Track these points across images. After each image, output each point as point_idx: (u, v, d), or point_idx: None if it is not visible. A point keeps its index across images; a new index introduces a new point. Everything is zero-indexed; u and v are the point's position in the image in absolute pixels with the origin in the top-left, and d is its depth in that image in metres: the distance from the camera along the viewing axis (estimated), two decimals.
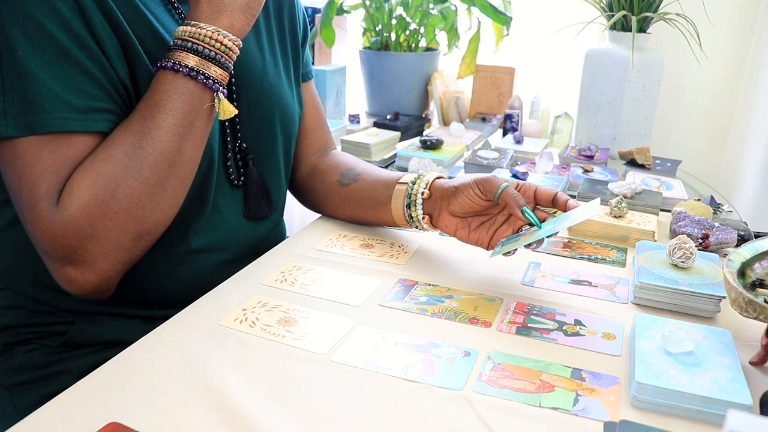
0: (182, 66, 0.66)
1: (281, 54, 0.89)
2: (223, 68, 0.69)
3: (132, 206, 0.65)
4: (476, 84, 1.75)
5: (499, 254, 0.73)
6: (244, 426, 0.49)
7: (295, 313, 0.67)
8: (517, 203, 0.72)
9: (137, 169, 0.65)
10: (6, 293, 0.79)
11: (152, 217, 0.67)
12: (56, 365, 0.75)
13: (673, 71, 1.70)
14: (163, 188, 0.67)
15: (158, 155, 0.66)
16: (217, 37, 0.68)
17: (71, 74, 0.63)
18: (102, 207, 0.63)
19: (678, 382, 0.53)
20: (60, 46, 0.63)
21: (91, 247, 0.64)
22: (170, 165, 0.67)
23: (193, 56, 0.67)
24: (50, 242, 0.63)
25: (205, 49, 0.67)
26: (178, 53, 0.67)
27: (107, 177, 0.63)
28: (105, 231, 0.64)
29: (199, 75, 0.67)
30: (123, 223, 0.64)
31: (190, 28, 0.68)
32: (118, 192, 0.63)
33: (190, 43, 0.67)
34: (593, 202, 0.69)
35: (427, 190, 0.80)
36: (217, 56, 0.68)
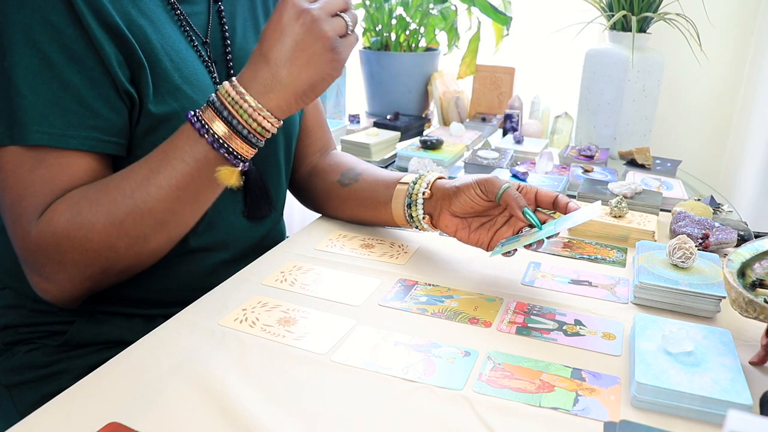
0: (209, 133, 0.64)
1: None
2: (250, 145, 0.66)
3: (104, 250, 0.65)
4: (476, 84, 1.75)
5: (499, 254, 0.73)
6: (244, 426, 0.49)
7: (295, 313, 0.67)
8: (518, 204, 0.72)
9: (119, 219, 0.64)
10: (6, 293, 0.79)
11: (126, 261, 0.67)
12: (56, 365, 0.75)
13: (673, 71, 1.70)
14: (146, 241, 0.66)
15: (148, 211, 0.64)
16: (256, 117, 0.64)
17: (53, 89, 0.63)
18: (73, 242, 0.63)
19: (678, 382, 0.53)
20: (46, 58, 0.62)
21: (58, 270, 0.65)
22: (159, 223, 0.66)
23: (223, 125, 0.64)
24: (23, 252, 0.66)
25: (239, 124, 0.64)
26: (211, 112, 0.64)
27: (87, 218, 0.63)
28: (72, 262, 0.65)
29: (221, 148, 0.64)
30: (92, 260, 0.65)
31: (235, 94, 0.64)
32: (92, 235, 0.63)
33: (227, 111, 0.64)
34: (594, 205, 0.69)
35: (428, 189, 0.80)
36: (249, 135, 0.65)
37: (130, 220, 0.64)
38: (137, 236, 0.65)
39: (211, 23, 0.79)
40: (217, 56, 0.79)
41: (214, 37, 0.79)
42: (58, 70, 0.63)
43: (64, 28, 0.63)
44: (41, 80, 0.62)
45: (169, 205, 0.65)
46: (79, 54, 0.64)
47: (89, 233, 0.63)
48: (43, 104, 0.62)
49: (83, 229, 0.63)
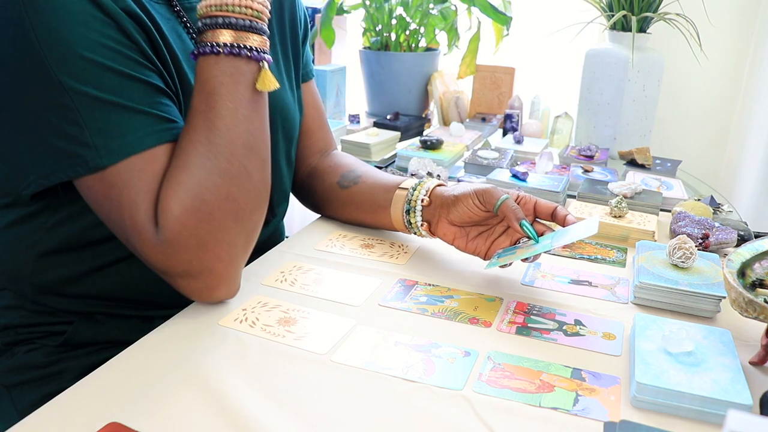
0: (220, 46, 0.62)
1: (282, 55, 0.88)
2: (260, 34, 0.64)
3: (223, 203, 0.63)
4: (476, 84, 1.76)
5: (496, 266, 0.73)
6: (243, 426, 0.49)
7: (295, 313, 0.67)
8: (515, 216, 0.72)
9: (215, 166, 0.62)
10: (6, 294, 0.79)
11: (247, 205, 0.65)
12: (56, 365, 0.75)
13: (673, 71, 1.70)
14: (248, 173, 0.65)
15: (230, 144, 0.63)
16: (244, 3, 0.63)
17: (141, 91, 0.62)
18: (196, 214, 0.61)
19: (678, 382, 0.53)
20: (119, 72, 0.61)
21: (202, 255, 0.62)
22: (246, 149, 0.64)
23: (227, 31, 0.63)
24: (164, 262, 0.62)
25: (238, 20, 0.63)
26: (210, 32, 0.63)
27: (189, 184, 0.61)
28: (208, 236, 0.62)
29: (241, 50, 0.63)
30: (222, 222, 0.63)
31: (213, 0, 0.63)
32: (204, 195, 0.62)
33: (220, 18, 0.63)
34: (592, 221, 0.69)
35: (427, 197, 0.80)
36: (252, 23, 0.63)
37: (223, 160, 0.62)
38: (238, 173, 0.63)
39: None
40: None
41: None
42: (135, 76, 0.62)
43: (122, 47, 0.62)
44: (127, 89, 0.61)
45: (244, 128, 0.64)
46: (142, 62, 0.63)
47: (201, 195, 0.61)
48: (143, 106, 0.62)
49: (193, 194, 0.61)
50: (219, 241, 0.63)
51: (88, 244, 0.72)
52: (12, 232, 0.74)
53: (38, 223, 0.72)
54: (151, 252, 0.62)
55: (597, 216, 0.72)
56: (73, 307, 0.75)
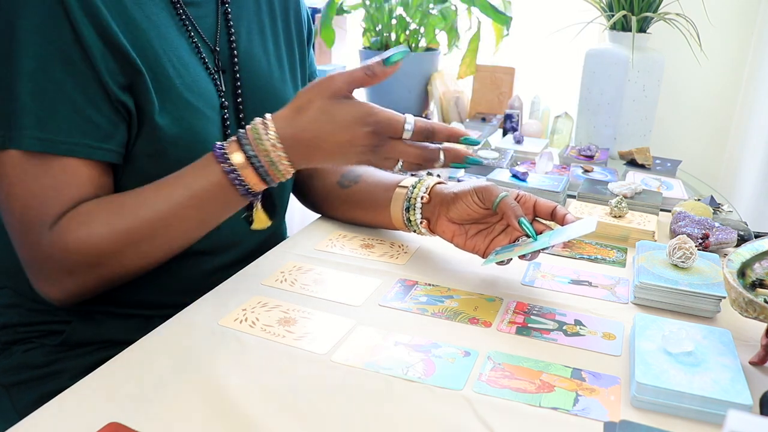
0: (225, 160, 0.64)
1: (287, 55, 0.88)
2: (261, 179, 0.65)
3: (115, 264, 0.67)
4: (476, 84, 1.76)
5: (493, 262, 0.73)
6: (243, 426, 0.49)
7: (295, 313, 0.67)
8: (514, 213, 0.71)
9: (136, 244, 0.66)
10: (5, 292, 0.79)
11: (133, 272, 0.70)
12: (55, 365, 0.75)
13: (673, 71, 1.70)
14: (154, 256, 0.69)
15: (165, 240, 0.67)
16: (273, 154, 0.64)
17: (48, 93, 0.63)
18: (86, 257, 0.65)
19: (678, 382, 0.53)
20: (42, 61, 0.62)
21: (66, 279, 0.67)
22: (172, 247, 0.69)
23: (242, 155, 0.64)
24: (31, 259, 0.67)
25: (255, 156, 0.64)
26: (234, 144, 0.64)
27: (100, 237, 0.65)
28: (83, 273, 0.66)
29: (233, 175, 0.64)
30: (102, 272, 0.67)
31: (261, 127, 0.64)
32: (105, 252, 0.65)
33: (246, 140, 0.64)
34: (590, 219, 0.69)
35: (426, 194, 0.80)
36: (261, 168, 0.64)
37: (145, 244, 0.67)
38: (147, 252, 0.68)
39: (219, 28, 0.79)
40: (225, 64, 0.79)
41: (221, 43, 0.79)
42: (53, 73, 0.63)
43: (60, 31, 0.62)
44: (37, 83, 0.62)
45: (184, 231, 0.68)
46: (73, 58, 0.63)
47: (101, 253, 0.65)
48: (39, 108, 0.62)
49: (95, 249, 0.65)
50: (87, 280, 0.68)
51: None
52: None
53: None
54: (28, 246, 0.66)
55: (595, 216, 0.71)
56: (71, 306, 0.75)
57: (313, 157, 0.65)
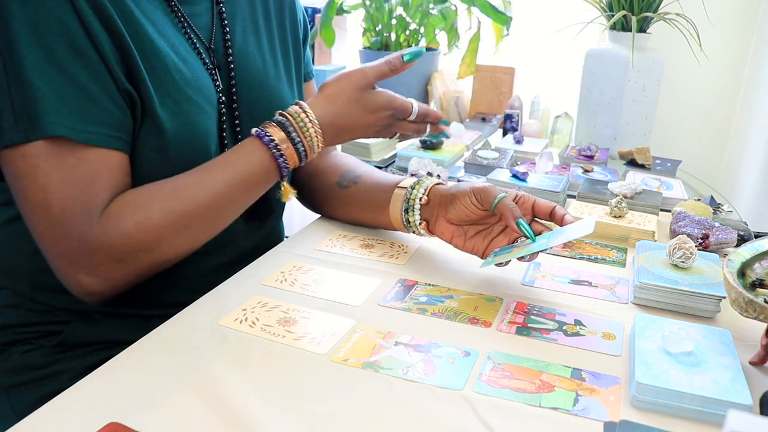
0: (270, 140, 0.71)
1: (282, 55, 0.88)
2: (297, 156, 0.73)
3: (169, 250, 0.68)
4: (476, 84, 1.76)
5: (491, 264, 0.73)
6: (243, 426, 0.49)
7: (295, 313, 0.67)
8: (512, 215, 0.71)
9: (190, 226, 0.68)
10: (3, 292, 0.79)
11: (180, 257, 0.70)
12: (53, 366, 0.75)
13: (673, 71, 1.70)
14: (202, 238, 0.71)
15: (217, 222, 0.71)
16: (310, 129, 0.73)
17: (62, 84, 0.62)
18: (140, 244, 0.65)
19: (678, 382, 0.53)
20: (52, 53, 0.62)
21: (117, 268, 0.66)
22: (220, 228, 0.72)
23: (282, 132, 0.72)
24: (79, 253, 0.64)
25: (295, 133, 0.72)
26: (274, 127, 0.72)
27: (158, 223, 0.66)
28: (134, 261, 0.66)
29: (277, 151, 0.71)
30: (153, 260, 0.68)
31: (300, 110, 0.73)
32: (162, 238, 0.66)
33: (287, 122, 0.72)
34: (589, 220, 0.69)
35: (425, 195, 0.80)
36: (299, 144, 0.72)
37: (200, 227, 0.69)
38: (198, 235, 0.70)
39: (214, 26, 0.79)
40: (220, 61, 0.79)
41: (216, 41, 0.79)
42: (65, 64, 0.62)
43: (69, 24, 0.62)
44: (49, 75, 0.62)
45: (232, 212, 0.72)
46: (83, 49, 0.63)
47: (159, 237, 0.66)
48: (55, 98, 0.62)
49: (154, 233, 0.65)
50: (137, 269, 0.67)
51: None
52: (11, 228, 0.74)
53: None
54: (73, 239, 0.64)
55: (594, 217, 0.71)
56: (70, 305, 0.75)
57: (342, 137, 0.78)
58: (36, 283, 0.75)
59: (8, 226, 0.75)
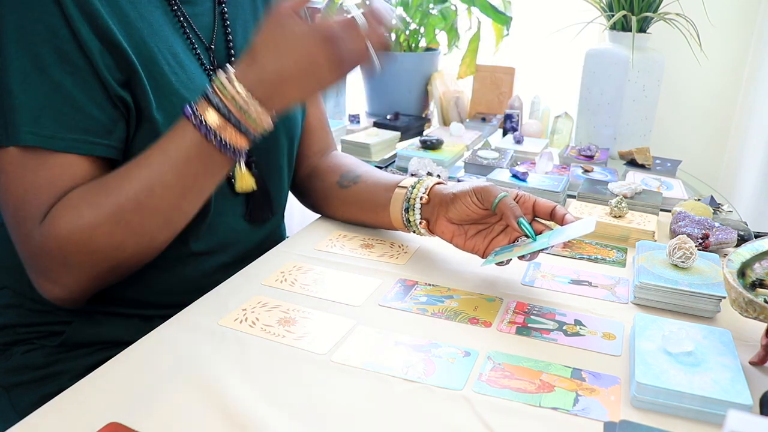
0: (201, 123, 0.62)
1: None
2: (243, 136, 0.64)
3: (111, 250, 0.65)
4: (476, 84, 1.75)
5: (492, 263, 0.73)
6: (244, 426, 0.49)
7: (295, 313, 0.67)
8: (513, 214, 0.71)
9: (125, 220, 0.64)
10: (4, 292, 0.79)
11: (133, 259, 0.68)
12: (54, 366, 0.75)
13: (673, 71, 1.70)
14: (152, 239, 0.67)
15: (155, 212, 0.65)
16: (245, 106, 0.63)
17: (45, 91, 0.62)
18: (78, 246, 0.63)
19: (678, 382, 0.53)
20: (38, 59, 0.62)
21: (63, 273, 0.65)
22: (166, 222, 0.67)
23: (215, 113, 0.62)
24: (27, 255, 0.66)
25: (229, 112, 0.62)
26: (204, 102, 0.63)
27: (90, 220, 0.63)
28: (78, 264, 0.65)
29: (215, 138, 0.63)
30: (99, 261, 0.65)
31: (226, 81, 0.63)
32: (98, 237, 0.63)
33: (217, 98, 0.63)
34: (589, 219, 0.69)
35: (426, 195, 0.80)
36: (240, 124, 0.63)
37: (136, 219, 0.64)
38: (143, 234, 0.66)
39: (216, 26, 0.79)
40: (221, 61, 0.79)
41: (218, 41, 0.79)
42: (50, 71, 0.62)
43: (57, 30, 0.62)
44: (32, 82, 0.62)
45: (172, 200, 0.65)
46: (70, 56, 0.63)
47: (94, 236, 0.63)
48: (35, 106, 0.62)
49: (87, 232, 0.63)
50: (86, 272, 0.66)
51: None
52: None
53: None
54: (22, 242, 0.66)
55: (594, 217, 0.71)
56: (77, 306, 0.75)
57: (283, 92, 0.64)
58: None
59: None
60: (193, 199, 0.68)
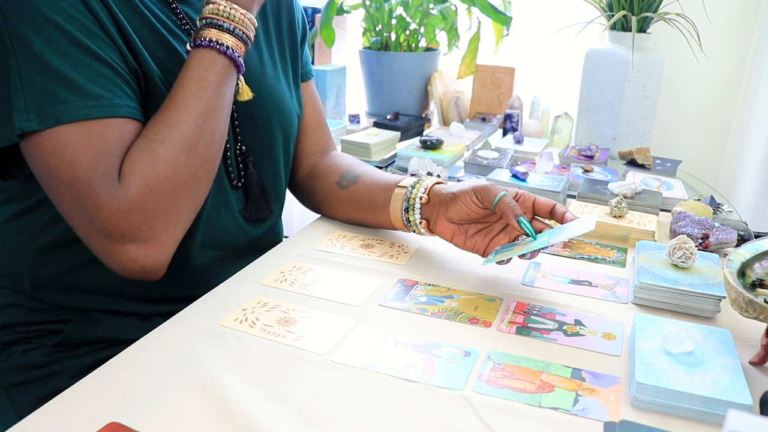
0: (214, 42, 0.70)
1: (279, 54, 0.89)
2: (238, 39, 0.72)
3: (190, 181, 0.67)
4: (476, 84, 1.76)
5: (492, 262, 0.73)
6: (244, 426, 0.49)
7: (295, 313, 0.67)
8: (513, 213, 0.71)
9: (195, 146, 0.67)
10: (4, 292, 0.79)
11: (203, 191, 0.70)
12: (54, 365, 0.75)
13: (673, 71, 1.70)
14: (214, 162, 0.71)
15: (212, 134, 0.69)
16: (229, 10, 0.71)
17: (88, 63, 0.63)
18: (164, 183, 0.65)
19: (678, 382, 0.53)
20: (72, 37, 0.63)
21: (155, 222, 0.65)
22: (219, 143, 0.71)
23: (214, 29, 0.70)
24: (115, 221, 0.63)
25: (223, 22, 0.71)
26: (203, 30, 0.70)
27: (167, 155, 0.65)
28: (167, 206, 0.65)
29: (223, 47, 0.70)
30: (182, 198, 0.67)
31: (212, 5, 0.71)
32: (178, 169, 0.66)
33: (210, 17, 0.71)
34: (590, 218, 0.69)
35: (425, 195, 0.80)
36: (236, 30, 0.71)
37: (202, 144, 0.68)
38: (209, 158, 0.70)
39: None
40: None
41: None
42: (87, 45, 0.63)
43: (79, 11, 0.64)
44: (74, 58, 0.63)
45: (219, 119, 0.70)
46: (98, 34, 0.65)
47: (175, 168, 0.66)
48: (84, 79, 0.63)
49: (168, 165, 0.65)
50: (173, 214, 0.67)
51: None
52: (12, 227, 0.74)
53: (37, 217, 0.73)
54: (105, 209, 0.63)
55: (594, 215, 0.71)
56: (70, 303, 0.75)
57: None
58: (36, 282, 0.75)
59: (8, 225, 0.75)
60: (225, 117, 0.72)
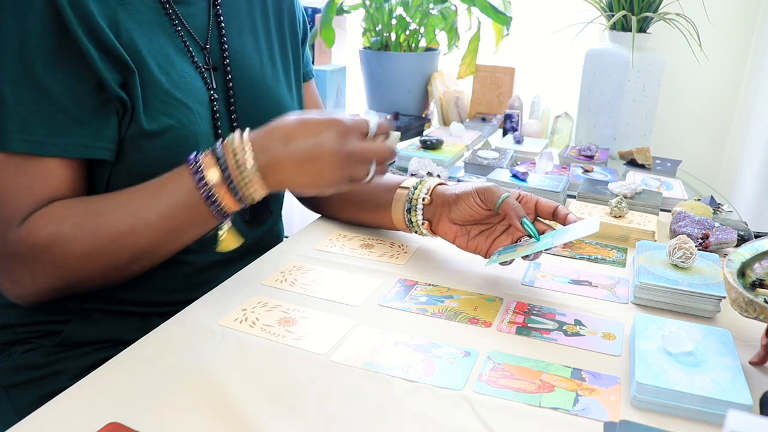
0: (201, 177, 0.63)
1: (280, 55, 0.88)
2: (235, 200, 0.65)
3: (79, 271, 0.66)
4: (476, 84, 1.75)
5: (495, 263, 0.73)
6: (243, 426, 0.49)
7: (295, 313, 0.67)
8: (516, 214, 0.71)
9: (101, 248, 0.65)
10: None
11: (96, 281, 0.69)
12: (54, 365, 0.75)
13: (673, 71, 1.70)
14: (122, 269, 0.68)
15: (132, 247, 0.65)
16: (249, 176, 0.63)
17: (35, 97, 0.63)
18: (50, 257, 0.64)
19: (678, 382, 0.53)
20: (30, 66, 0.62)
21: (27, 277, 0.66)
22: (139, 257, 0.67)
23: (218, 171, 0.63)
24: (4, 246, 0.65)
25: (230, 175, 0.63)
26: (210, 157, 0.64)
27: (68, 238, 0.64)
28: (43, 274, 0.66)
29: (209, 196, 0.63)
30: (63, 276, 0.66)
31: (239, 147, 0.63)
32: (70, 255, 0.64)
33: (224, 159, 0.63)
34: (593, 219, 0.69)
35: (428, 195, 0.80)
36: (235, 189, 0.64)
37: (111, 249, 0.65)
38: (115, 265, 0.67)
39: (210, 26, 0.79)
40: (216, 62, 0.79)
41: (212, 41, 0.79)
42: (41, 77, 0.63)
43: (49, 35, 0.63)
44: (24, 88, 0.63)
45: (152, 240, 0.66)
46: (64, 60, 0.64)
47: (67, 253, 0.64)
48: (25, 111, 0.63)
49: (62, 247, 0.64)
50: (48, 282, 0.67)
51: None
52: None
53: None
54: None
55: (597, 216, 0.71)
56: (70, 304, 0.75)
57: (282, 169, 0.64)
58: None
59: None
60: (172, 244, 0.68)
